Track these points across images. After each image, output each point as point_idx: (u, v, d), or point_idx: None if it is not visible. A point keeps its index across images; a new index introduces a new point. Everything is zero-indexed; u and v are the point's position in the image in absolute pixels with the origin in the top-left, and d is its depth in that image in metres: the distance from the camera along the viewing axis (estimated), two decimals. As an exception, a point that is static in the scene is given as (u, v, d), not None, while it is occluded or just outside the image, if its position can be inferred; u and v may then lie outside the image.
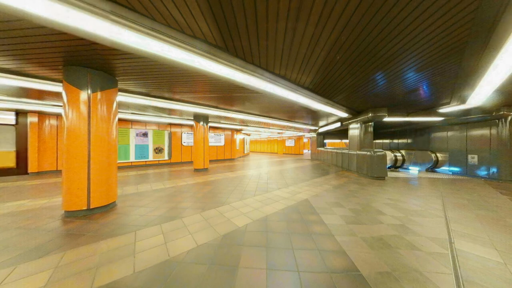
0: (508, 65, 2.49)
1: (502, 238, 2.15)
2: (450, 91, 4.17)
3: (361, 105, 5.68)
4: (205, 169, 7.55)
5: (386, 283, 1.46)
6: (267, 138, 23.20)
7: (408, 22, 1.92)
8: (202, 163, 7.45)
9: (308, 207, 3.17)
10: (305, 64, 2.92)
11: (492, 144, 5.86)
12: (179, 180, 5.49)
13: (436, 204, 3.40)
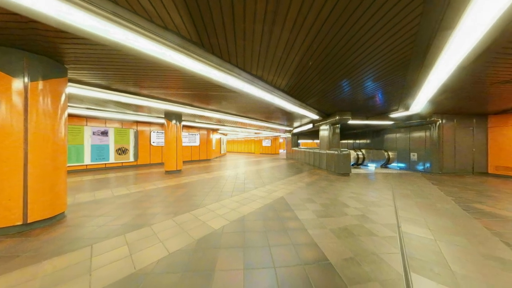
0: (437, 81, 3.11)
1: (433, 219, 2.67)
2: (398, 100, 4.96)
3: (330, 109, 6.23)
4: (178, 170, 7.07)
5: (350, 268, 1.63)
6: (244, 138, 23.22)
7: (367, 38, 2.21)
8: (175, 164, 6.95)
9: (283, 205, 3.30)
10: (280, 67, 3.03)
11: (426, 144, 7.22)
12: (148, 184, 4.99)
13: (388, 195, 3.99)
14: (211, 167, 8.88)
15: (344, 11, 1.81)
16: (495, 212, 2.97)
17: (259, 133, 16.16)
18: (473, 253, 1.85)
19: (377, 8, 1.76)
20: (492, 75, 3.25)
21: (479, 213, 2.95)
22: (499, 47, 2.34)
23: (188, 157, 11.22)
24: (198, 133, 11.78)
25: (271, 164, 10.14)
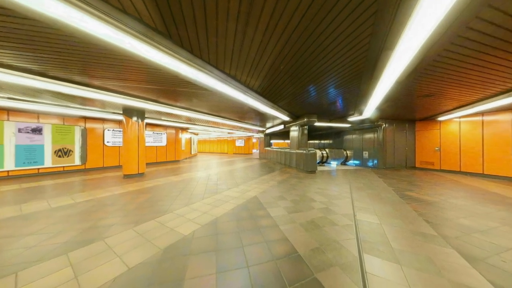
0: (382, 91, 3.74)
1: (379, 207, 3.21)
2: (354, 105, 5.73)
3: (299, 111, 6.69)
4: (140, 174, 6.30)
5: (316, 257, 1.80)
6: (217, 138, 22.55)
7: (330, 49, 2.47)
8: (136, 167, 6.16)
9: (256, 204, 3.36)
10: (254, 68, 3.08)
11: (374, 144, 8.60)
12: (100, 191, 4.27)
13: (346, 188, 4.57)
14: (180, 168, 8.26)
15: (311, 23, 1.98)
16: (419, 197, 3.78)
17: (232, 133, 15.97)
18: (406, 231, 2.31)
19: (337, 25, 1.99)
20: (418, 90, 4.13)
21: (409, 199, 3.70)
22: (422, 68, 2.99)
23: (153, 158, 10.14)
24: (165, 132, 10.78)
25: (244, 164, 10.16)
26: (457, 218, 2.71)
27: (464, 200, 3.63)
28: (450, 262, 1.71)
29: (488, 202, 3.50)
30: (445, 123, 7.25)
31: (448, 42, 2.25)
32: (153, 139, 10.17)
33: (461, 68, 2.99)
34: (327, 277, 1.53)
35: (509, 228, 2.40)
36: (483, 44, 2.29)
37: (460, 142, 6.79)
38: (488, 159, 6.06)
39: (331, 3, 1.72)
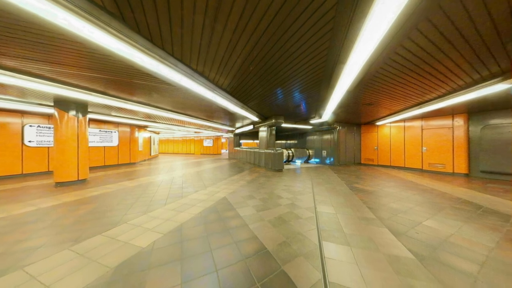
0: (336, 98, 4.30)
1: (335, 199, 3.69)
2: (315, 109, 6.38)
3: (268, 112, 6.95)
4: (81, 180, 5.17)
5: (283, 250, 1.91)
6: (183, 137, 20.90)
7: (295, 56, 2.67)
8: (75, 172, 5.02)
9: (226, 205, 3.29)
10: (223, 66, 3.01)
11: (331, 144, 9.84)
12: (18, 206, 3.27)
13: (309, 184, 5.05)
14: (137, 172, 7.24)
15: (278, 29, 2.09)
16: (363, 188, 4.56)
17: (199, 132, 15.12)
18: (354, 217, 2.74)
19: (301, 34, 2.17)
20: (362, 99, 4.96)
21: (356, 190, 4.40)
22: (365, 81, 3.61)
23: (99, 161, 8.49)
24: (117, 130, 9.21)
25: (213, 165, 9.80)
26: (389, 203, 3.41)
27: (393, 188, 4.59)
28: (384, 238, 2.13)
29: (407, 188, 4.55)
30: (381, 127, 8.99)
31: (383, 62, 2.80)
32: (100, 138, 8.52)
33: (391, 84, 3.77)
34: (292, 267, 1.65)
35: (420, 207, 3.19)
36: (404, 66, 2.96)
37: (391, 143, 8.56)
38: (407, 156, 7.88)
39: (296, 13, 1.86)
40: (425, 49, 2.44)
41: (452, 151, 6.57)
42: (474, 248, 1.95)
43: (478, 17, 1.85)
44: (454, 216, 2.79)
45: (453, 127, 6.55)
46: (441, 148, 6.83)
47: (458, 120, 6.44)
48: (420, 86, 3.84)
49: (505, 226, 2.44)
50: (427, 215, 2.84)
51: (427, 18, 1.88)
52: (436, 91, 4.11)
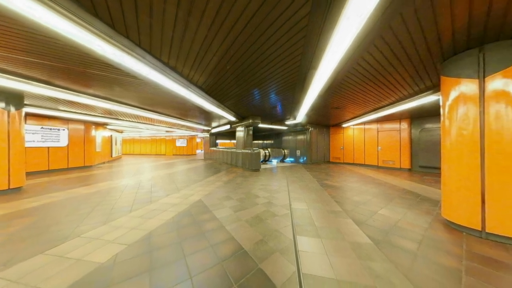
0: (309, 102, 4.61)
1: (307, 195, 3.94)
2: (290, 111, 6.70)
3: (245, 112, 6.95)
4: (14, 189, 4.19)
5: (260, 248, 1.94)
6: (151, 136, 19.09)
7: (271, 59, 2.75)
8: (4, 178, 4.03)
9: (201, 207, 3.16)
10: (198, 62, 2.87)
11: (304, 144, 10.49)
12: None
13: (284, 182, 5.27)
14: (94, 176, 6.27)
15: (255, 31, 2.11)
16: (332, 184, 5.01)
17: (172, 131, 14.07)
18: (324, 211, 2.99)
19: (277, 38, 2.25)
20: (331, 103, 5.45)
21: (326, 186, 4.81)
22: (333, 87, 3.98)
23: (42, 165, 7.02)
24: (66, 128, 7.78)
25: (187, 166, 9.25)
26: (352, 196, 3.84)
27: (356, 183, 5.19)
28: (349, 228, 2.39)
29: (366, 183, 5.21)
30: (346, 129, 10.05)
31: (347, 71, 3.14)
32: (43, 137, 7.06)
33: (354, 90, 4.26)
34: (269, 264, 1.69)
35: (376, 199, 3.69)
36: (364, 76, 3.38)
37: (354, 143, 9.65)
38: (367, 154, 9.02)
39: (272, 17, 1.92)
40: (380, 62, 2.84)
41: (399, 150, 7.83)
42: (414, 229, 2.36)
43: (417, 39, 2.25)
44: (401, 204, 3.33)
45: (400, 130, 7.82)
46: (392, 147, 8.07)
47: (404, 124, 7.72)
48: (376, 94, 4.44)
49: (435, 210, 3.04)
50: (381, 205, 3.31)
51: (381, 36, 2.19)
52: (388, 99, 4.82)
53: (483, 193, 2.17)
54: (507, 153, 2.05)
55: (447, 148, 2.51)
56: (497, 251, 1.90)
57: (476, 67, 2.26)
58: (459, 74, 2.40)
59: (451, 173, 2.47)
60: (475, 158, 2.23)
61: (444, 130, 2.56)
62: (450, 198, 2.47)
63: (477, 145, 2.22)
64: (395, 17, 1.88)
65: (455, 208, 2.39)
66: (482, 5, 1.70)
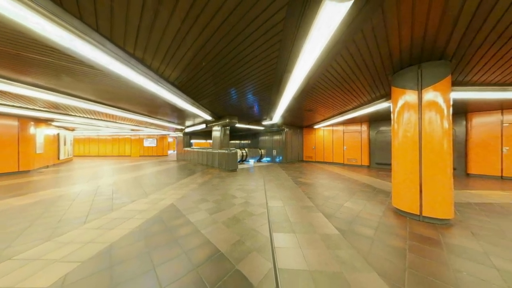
0: (284, 103, 4.81)
1: (283, 193, 4.11)
2: (267, 112, 6.85)
3: (221, 111, 6.79)
4: None
5: (237, 249, 1.93)
6: (112, 135, 16.82)
7: (248, 59, 2.76)
8: None
9: (174, 212, 2.94)
10: (170, 56, 2.66)
11: (280, 144, 10.90)
12: None
13: (261, 182, 5.36)
14: (32, 184, 5.15)
15: (232, 30, 2.09)
16: (305, 181, 5.35)
17: (138, 130, 12.69)
18: (298, 207, 3.16)
19: (255, 39, 2.27)
20: (304, 105, 5.81)
21: (300, 183, 5.11)
22: (306, 90, 4.25)
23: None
24: (-10, 124, 6.16)
25: (157, 168, 8.49)
26: (322, 192, 4.18)
27: (325, 180, 5.67)
28: (319, 221, 2.59)
29: (334, 179, 5.74)
30: (317, 130, 10.86)
31: (319, 76, 3.40)
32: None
33: (324, 95, 4.64)
34: (246, 264, 1.69)
35: (343, 193, 4.11)
36: (332, 82, 3.73)
37: (324, 143, 10.52)
38: (335, 153, 9.96)
39: (249, 18, 1.93)
40: (345, 71, 3.17)
41: (360, 149, 8.90)
42: (372, 218, 2.73)
43: (374, 53, 2.60)
44: (362, 197, 3.79)
45: (361, 131, 8.90)
46: (354, 147, 9.12)
47: (364, 126, 8.81)
48: (342, 99, 4.94)
49: (387, 200, 3.57)
50: (346, 198, 3.70)
51: (346, 48, 2.45)
52: (352, 103, 5.43)
53: (420, 184, 2.66)
54: (435, 151, 2.56)
55: (396, 147, 2.98)
56: (429, 230, 2.35)
57: (416, 81, 2.75)
58: (404, 85, 2.88)
59: (399, 168, 2.94)
60: (415, 155, 2.71)
61: (393, 132, 3.03)
62: (398, 189, 2.94)
63: (417, 145, 2.70)
64: (357, 32, 2.13)
65: (402, 197, 2.86)
66: (420, 30, 2.08)
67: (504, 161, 5.82)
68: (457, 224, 2.52)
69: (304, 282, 1.48)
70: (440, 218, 2.52)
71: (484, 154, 6.13)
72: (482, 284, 1.45)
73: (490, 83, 3.57)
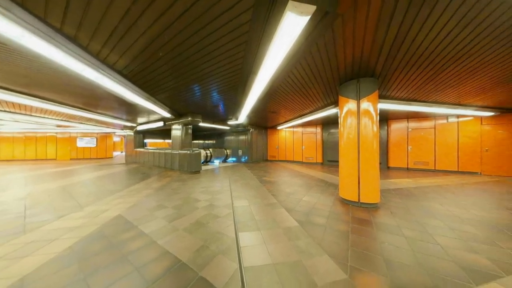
0: (250, 104, 4.89)
1: (248, 192, 4.17)
2: (232, 111, 6.78)
3: (183, 109, 6.25)
4: None
5: (200, 255, 1.82)
6: (26, 133, 12.69)
7: (213, 56, 2.66)
8: None
9: (121, 225, 2.49)
10: (116, 40, 2.24)
11: (246, 144, 11.02)
12: None
13: (227, 182, 5.27)
14: None
15: (195, 21, 1.96)
16: (269, 180, 5.62)
17: (69, 126, 10.07)
18: (262, 205, 3.28)
19: (220, 36, 2.21)
20: (268, 107, 6.09)
21: (264, 182, 5.32)
22: (270, 93, 4.47)
23: None
24: None
25: (97, 174, 6.98)
26: (285, 189, 4.50)
27: (287, 177, 6.13)
28: (282, 216, 2.78)
29: (295, 176, 6.29)
30: (280, 131, 11.61)
31: (281, 81, 3.64)
32: None
33: (286, 98, 5.00)
34: (211, 269, 1.62)
35: (301, 188, 4.54)
36: (293, 87, 4.07)
37: (286, 143, 11.34)
38: (295, 153, 10.91)
39: (215, 13, 1.85)
40: (304, 78, 3.52)
41: (316, 148, 10.11)
42: (324, 208, 3.14)
43: (326, 65, 3.01)
44: (317, 190, 4.31)
45: (316, 133, 10.11)
46: (311, 147, 10.27)
47: (318, 128, 10.05)
48: (302, 103, 5.47)
49: (336, 192, 4.20)
50: (305, 193, 4.12)
51: (304, 57, 2.73)
52: (309, 107, 6.09)
53: (359, 177, 3.26)
54: (369, 150, 3.21)
55: (342, 147, 3.55)
56: (365, 213, 2.92)
57: (356, 92, 3.35)
58: (348, 95, 3.46)
59: (344, 164, 3.51)
60: (355, 154, 3.30)
61: (340, 134, 3.59)
62: (343, 182, 3.50)
63: (356, 145, 3.30)
64: (313, 45, 2.41)
65: (346, 189, 3.43)
66: (358, 51, 2.55)
67: (409, 157, 7.92)
68: (382, 206, 3.23)
69: (268, 276, 1.55)
70: (371, 203, 3.17)
71: (398, 151, 8.17)
72: (396, 250, 1.92)
73: (401, 98, 4.77)
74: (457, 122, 7.02)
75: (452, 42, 2.27)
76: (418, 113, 6.53)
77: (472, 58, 2.65)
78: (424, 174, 6.74)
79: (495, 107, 5.64)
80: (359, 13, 1.84)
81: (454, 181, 5.47)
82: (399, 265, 1.68)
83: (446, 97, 4.58)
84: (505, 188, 4.61)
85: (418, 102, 5.04)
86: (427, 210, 3.04)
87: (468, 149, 6.82)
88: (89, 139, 13.98)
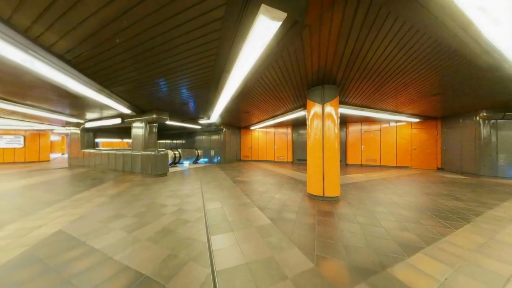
0: (223, 103, 4.78)
1: (221, 193, 4.07)
2: (204, 110, 6.48)
3: (146, 105, 5.60)
4: None
5: (167, 266, 1.67)
6: None
7: (183, 49, 2.48)
8: None
9: (63, 242, 2.05)
10: (53, 16, 1.84)
11: (218, 144, 10.71)
12: None
13: (198, 184, 5.00)
14: None
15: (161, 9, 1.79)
16: (243, 180, 5.62)
17: (-22, 121, 7.66)
18: (236, 206, 3.26)
19: (190, 30, 2.08)
20: (242, 107, 6.08)
21: (238, 182, 5.30)
22: (244, 93, 4.48)
23: None
24: None
25: (26, 182, 5.53)
26: (258, 188, 4.58)
27: (260, 176, 6.26)
28: (255, 215, 2.82)
29: (267, 175, 6.49)
30: (253, 131, 11.76)
31: (255, 81, 3.69)
32: None
33: (258, 99, 5.11)
34: (180, 279, 1.51)
35: (274, 187, 4.72)
36: (265, 88, 4.19)
37: (259, 143, 11.57)
38: (267, 152, 11.26)
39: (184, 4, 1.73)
40: (275, 80, 3.67)
41: (286, 148, 10.69)
42: (294, 204, 3.35)
43: (296, 70, 3.22)
44: (288, 188, 4.56)
45: (287, 133, 10.70)
46: (283, 146, 10.80)
47: (289, 129, 10.66)
48: (274, 104, 5.69)
49: (304, 188, 4.54)
50: (276, 190, 4.30)
51: (276, 61, 2.85)
52: (281, 109, 6.38)
53: (323, 174, 3.61)
54: (331, 149, 3.59)
55: (309, 146, 3.86)
56: (328, 206, 3.26)
57: (321, 97, 3.70)
58: (314, 99, 3.79)
59: (311, 163, 3.83)
60: (320, 153, 3.65)
61: (308, 134, 3.91)
62: (310, 179, 3.82)
63: (321, 145, 3.65)
64: (284, 50, 2.54)
65: (313, 185, 3.75)
66: (323, 60, 2.83)
67: (362, 155, 9.30)
68: (342, 199, 3.68)
69: (242, 275, 1.55)
70: (333, 196, 3.56)
71: (354, 150, 9.47)
72: (353, 235, 2.22)
73: (357, 104, 5.53)
74: (396, 126, 8.68)
75: (392, 60, 2.78)
76: (368, 117, 7.71)
77: (405, 75, 3.30)
78: (373, 169, 8.04)
79: (420, 115, 7.20)
80: (323, 27, 2.04)
81: (394, 174, 6.70)
82: (355, 248, 1.95)
83: (388, 105, 5.57)
84: (426, 178, 5.94)
85: (369, 109, 5.96)
86: (375, 200, 3.63)
87: (403, 148, 8.52)
88: (12, 138, 10.96)
